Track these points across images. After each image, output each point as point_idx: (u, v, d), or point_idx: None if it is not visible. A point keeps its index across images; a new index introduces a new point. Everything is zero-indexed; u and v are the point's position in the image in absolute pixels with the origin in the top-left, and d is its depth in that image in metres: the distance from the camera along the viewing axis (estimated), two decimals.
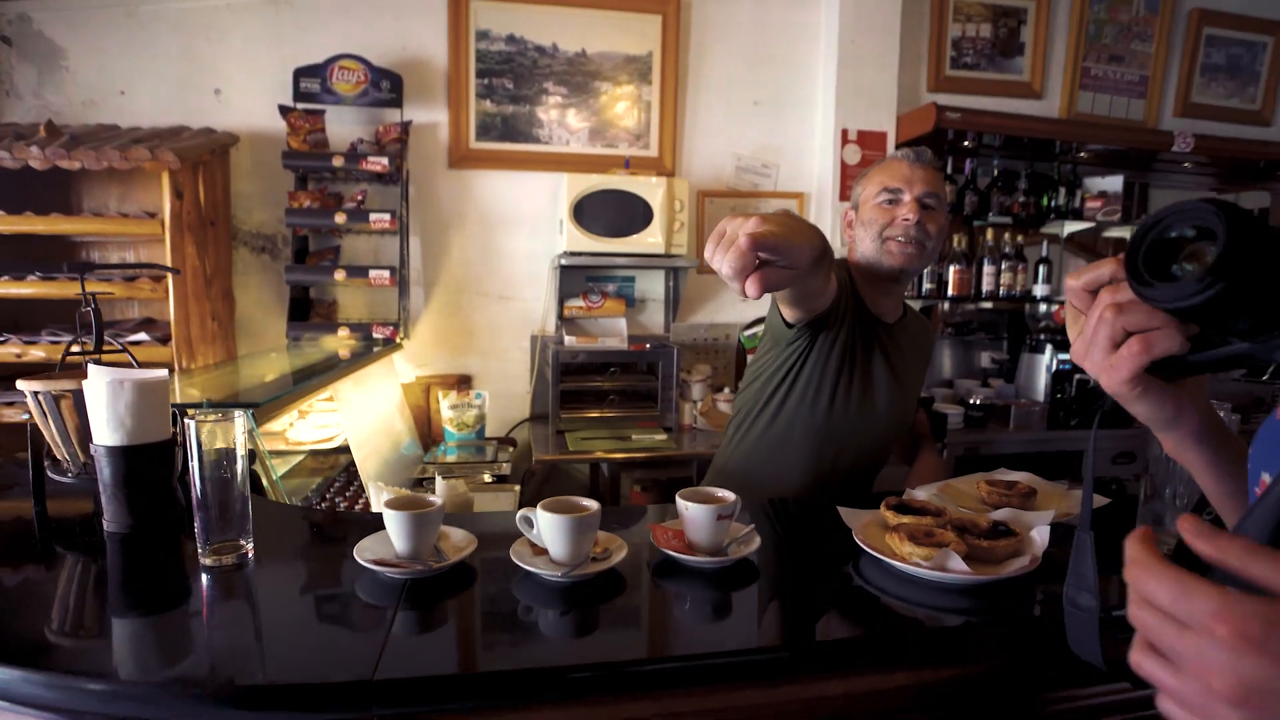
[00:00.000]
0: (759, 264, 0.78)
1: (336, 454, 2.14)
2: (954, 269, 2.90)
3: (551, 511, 0.87)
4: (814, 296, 1.16)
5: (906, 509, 1.02)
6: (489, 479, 2.18)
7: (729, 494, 0.97)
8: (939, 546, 0.89)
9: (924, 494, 1.15)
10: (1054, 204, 3.07)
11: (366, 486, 1.82)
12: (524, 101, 2.79)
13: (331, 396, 1.92)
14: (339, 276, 2.49)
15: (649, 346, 2.63)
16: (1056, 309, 3.01)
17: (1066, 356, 2.80)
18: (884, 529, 1.00)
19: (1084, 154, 3.07)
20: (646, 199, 2.55)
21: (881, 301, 1.44)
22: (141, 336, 2.25)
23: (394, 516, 0.87)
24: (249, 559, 0.91)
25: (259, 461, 1.29)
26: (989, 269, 2.94)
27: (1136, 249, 0.50)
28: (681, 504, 0.94)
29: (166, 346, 2.24)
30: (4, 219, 2.14)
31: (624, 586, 0.89)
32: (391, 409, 2.44)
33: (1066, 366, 2.81)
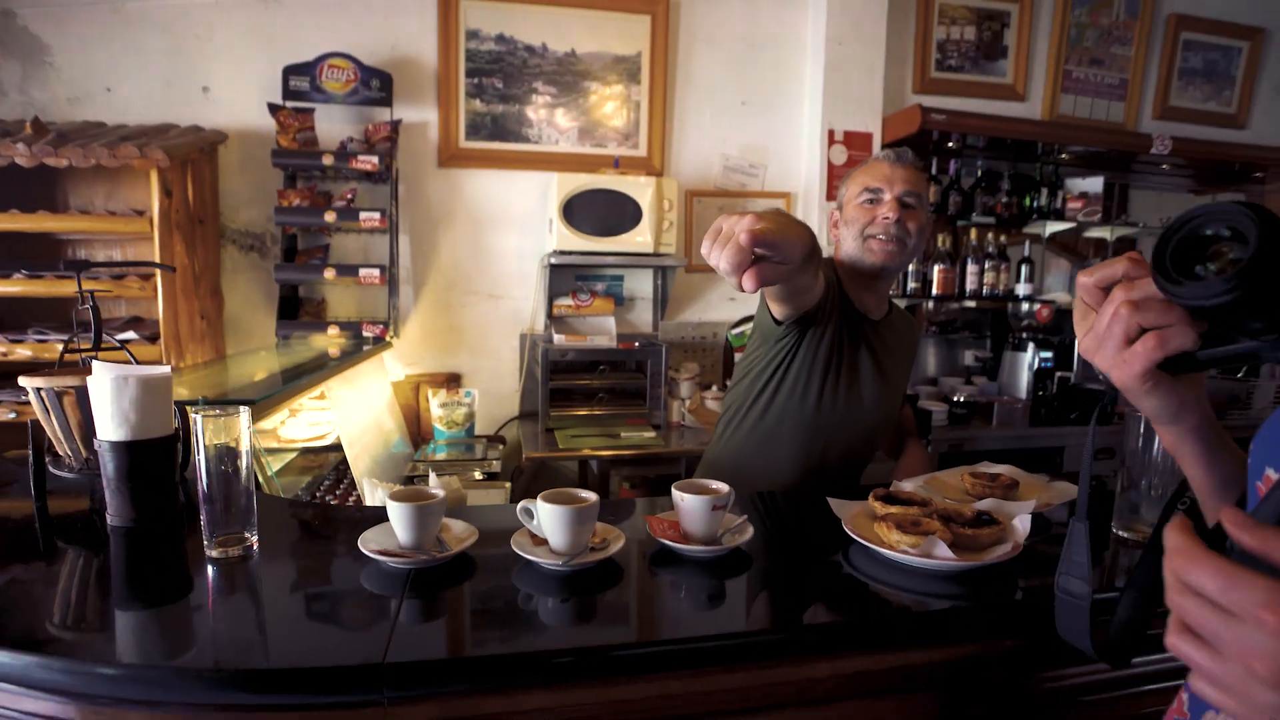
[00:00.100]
0: (754, 259, 0.81)
1: (327, 452, 2.14)
2: (939, 268, 2.95)
3: (552, 503, 0.89)
4: (803, 293, 1.20)
5: (894, 500, 1.06)
6: (479, 476, 2.19)
7: (723, 485, 1.00)
8: (925, 535, 0.92)
9: (910, 485, 1.18)
10: (1036, 204, 3.13)
11: (359, 483, 1.82)
12: (513, 101, 2.80)
13: (323, 394, 1.92)
14: (328, 275, 2.50)
15: (637, 345, 2.65)
16: (1039, 308, 3.06)
17: (1049, 355, 2.87)
18: (872, 519, 1.03)
19: (1065, 155, 3.13)
20: (635, 198, 2.58)
21: (866, 299, 1.48)
22: (130, 335, 2.24)
23: (398, 508, 0.89)
24: (254, 551, 0.93)
25: (256, 458, 1.30)
26: (972, 268, 2.99)
27: (1165, 246, 0.51)
28: (677, 495, 0.97)
29: (155, 345, 2.24)
30: None
31: (622, 575, 0.91)
32: (382, 407, 2.45)
33: (1048, 364, 2.87)
